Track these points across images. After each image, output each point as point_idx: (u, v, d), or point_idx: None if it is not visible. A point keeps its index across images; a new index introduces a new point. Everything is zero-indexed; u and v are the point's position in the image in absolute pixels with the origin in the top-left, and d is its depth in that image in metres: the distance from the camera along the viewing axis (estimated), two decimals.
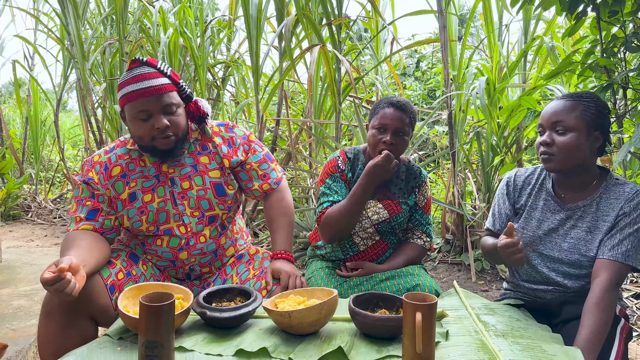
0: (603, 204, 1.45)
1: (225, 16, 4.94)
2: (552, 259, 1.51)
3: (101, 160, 1.61)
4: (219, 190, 1.64)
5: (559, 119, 1.42)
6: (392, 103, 1.75)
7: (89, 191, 1.58)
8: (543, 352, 1.20)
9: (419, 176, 1.89)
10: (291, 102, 5.15)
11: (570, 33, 1.95)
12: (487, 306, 1.52)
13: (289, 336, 1.26)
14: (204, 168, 1.64)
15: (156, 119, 1.50)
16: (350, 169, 1.86)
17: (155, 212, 1.58)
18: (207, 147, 1.67)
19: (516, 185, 1.62)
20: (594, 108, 1.42)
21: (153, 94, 1.49)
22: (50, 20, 5.84)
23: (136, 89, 1.48)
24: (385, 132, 1.74)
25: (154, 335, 1.06)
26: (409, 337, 1.10)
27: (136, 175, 1.60)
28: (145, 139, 1.53)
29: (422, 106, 6.20)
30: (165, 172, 1.61)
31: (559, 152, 1.42)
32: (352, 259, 1.86)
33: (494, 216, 1.67)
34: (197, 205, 1.61)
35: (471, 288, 2.99)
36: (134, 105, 1.49)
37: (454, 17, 3.60)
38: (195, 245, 1.62)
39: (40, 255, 3.85)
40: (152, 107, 1.49)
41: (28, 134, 6.29)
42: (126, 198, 1.58)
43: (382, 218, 1.81)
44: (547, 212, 1.54)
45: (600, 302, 1.33)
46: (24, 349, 2.06)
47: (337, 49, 3.40)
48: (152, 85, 1.49)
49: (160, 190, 1.60)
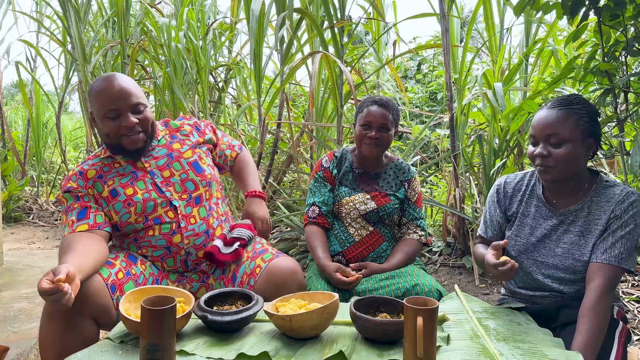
0: (594, 207, 1.45)
1: (227, 18, 4.95)
2: (547, 265, 1.51)
3: (75, 171, 1.67)
4: (196, 168, 1.73)
5: (553, 131, 1.40)
6: (376, 101, 1.93)
7: (72, 197, 1.63)
8: (544, 356, 1.20)
9: (407, 171, 2.05)
10: (292, 105, 5.15)
11: (574, 38, 1.95)
12: (488, 310, 1.52)
13: (290, 340, 1.26)
14: (178, 153, 1.73)
15: (125, 119, 1.58)
16: (336, 166, 2.04)
17: (142, 202, 1.62)
18: (176, 136, 1.79)
19: (506, 192, 1.62)
20: (586, 116, 1.40)
21: (122, 94, 1.57)
22: (52, 23, 5.86)
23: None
24: (371, 129, 1.91)
25: (155, 339, 1.06)
26: (410, 341, 1.10)
27: (112, 175, 1.66)
28: (113, 137, 1.60)
29: (424, 109, 6.21)
30: (141, 167, 1.69)
31: (556, 164, 1.40)
32: (348, 250, 1.95)
33: (486, 223, 1.67)
34: (183, 188, 1.68)
35: (472, 291, 2.99)
36: (103, 104, 1.57)
37: (455, 20, 3.60)
38: (186, 227, 1.65)
39: (41, 258, 3.85)
40: (120, 106, 1.57)
41: (30, 136, 6.31)
42: (107, 195, 1.63)
43: (370, 208, 1.95)
44: (539, 219, 1.53)
45: (596, 306, 1.33)
46: (26, 351, 2.06)
47: (339, 52, 3.40)
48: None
49: (141, 183, 1.66)
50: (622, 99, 1.98)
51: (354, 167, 2.03)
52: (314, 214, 1.99)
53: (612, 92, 1.80)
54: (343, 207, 1.97)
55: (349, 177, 2.02)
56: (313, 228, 1.98)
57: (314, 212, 1.99)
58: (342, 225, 1.98)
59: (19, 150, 6.16)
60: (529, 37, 3.59)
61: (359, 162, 2.03)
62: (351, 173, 2.03)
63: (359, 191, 1.99)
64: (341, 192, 1.99)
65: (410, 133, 4.33)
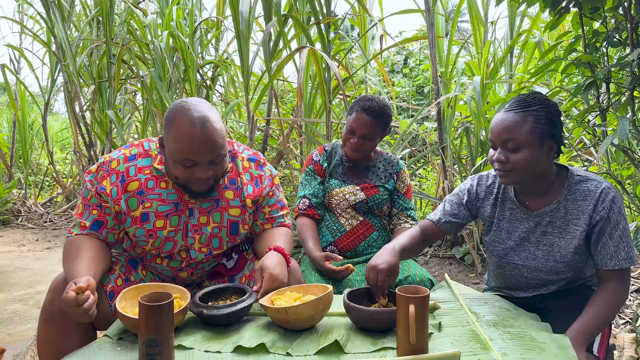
0: (570, 207, 1.41)
1: (213, 17, 4.94)
2: (529, 268, 1.48)
3: (119, 169, 1.49)
4: (233, 229, 1.58)
5: (509, 136, 1.34)
6: (365, 108, 1.91)
7: (97, 200, 1.48)
8: (533, 340, 1.24)
9: (396, 164, 2.10)
10: (281, 101, 5.16)
11: (552, 27, 1.99)
12: (477, 297, 1.56)
13: (286, 332, 1.28)
14: (225, 204, 1.56)
15: (201, 169, 1.40)
16: (326, 160, 2.08)
17: (163, 239, 1.51)
18: (235, 181, 1.59)
19: (478, 195, 1.57)
20: (544, 117, 1.34)
21: (208, 147, 1.37)
22: (35, 24, 5.79)
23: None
24: (355, 135, 1.94)
25: (154, 334, 1.08)
26: (403, 329, 1.14)
27: (153, 196, 1.49)
28: (182, 180, 1.44)
29: (411, 102, 6.25)
30: (186, 201, 1.52)
31: (514, 168, 1.36)
32: (340, 240, 1.99)
33: (444, 212, 1.61)
34: (208, 242, 1.56)
35: (463, 281, 3.04)
36: (183, 150, 1.36)
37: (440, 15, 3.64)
38: (197, 267, 1.62)
39: (32, 260, 3.84)
40: (201, 159, 1.38)
41: (16, 137, 6.24)
42: (138, 217, 1.49)
43: (359, 199, 2.00)
44: (515, 222, 1.50)
45: (608, 298, 1.34)
46: (22, 352, 2.07)
47: (326, 48, 3.42)
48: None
49: (175, 219, 1.51)
50: (604, 89, 2.03)
51: (344, 161, 2.07)
52: (304, 206, 2.02)
53: (594, 85, 1.84)
54: (333, 198, 2.01)
55: (339, 170, 2.06)
56: (304, 220, 2.01)
57: (304, 204, 2.02)
58: (333, 215, 2.02)
59: (5, 153, 6.10)
60: (513, 29, 3.64)
61: (348, 156, 2.06)
62: (341, 166, 2.06)
63: (348, 183, 2.03)
64: (331, 184, 2.03)
65: (398, 127, 4.37)
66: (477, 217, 1.62)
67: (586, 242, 1.41)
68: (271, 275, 1.40)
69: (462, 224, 1.61)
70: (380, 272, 1.38)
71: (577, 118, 2.08)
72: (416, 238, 1.59)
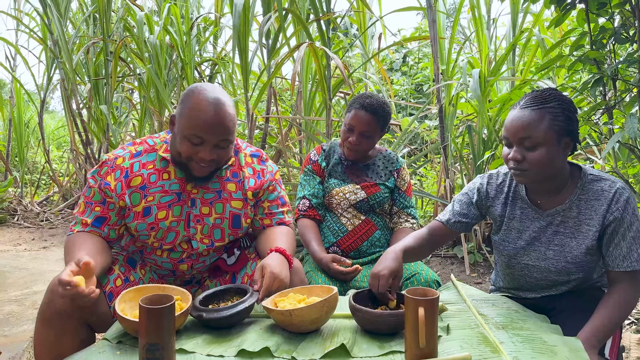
0: (583, 207, 1.37)
1: (210, 14, 4.90)
2: (539, 268, 1.45)
3: (123, 165, 1.52)
4: (235, 222, 1.59)
5: (526, 134, 1.30)
6: (364, 105, 1.88)
7: (100, 196, 1.50)
8: (543, 342, 1.21)
9: (396, 161, 2.07)
10: (279, 99, 5.12)
11: (557, 24, 1.96)
12: (485, 299, 1.52)
13: (291, 335, 1.25)
14: (228, 196, 1.58)
15: (206, 150, 1.42)
16: (325, 159, 2.05)
17: (165, 230, 1.52)
18: (237, 174, 1.61)
19: (488, 193, 1.53)
20: (561, 114, 1.30)
21: (218, 128, 1.40)
22: (31, 20, 5.74)
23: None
24: (353, 133, 1.90)
25: (155, 338, 1.05)
26: (412, 332, 1.10)
27: (155, 189, 1.52)
28: (184, 157, 1.46)
29: (410, 101, 6.22)
30: (188, 191, 1.54)
31: (531, 167, 1.32)
32: (342, 240, 1.95)
33: (453, 212, 1.57)
34: (210, 233, 1.56)
35: (465, 281, 3.01)
36: (193, 126, 1.40)
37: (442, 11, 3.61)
38: (197, 259, 1.60)
39: (29, 260, 3.79)
40: (209, 138, 1.41)
41: (12, 136, 6.19)
42: (140, 211, 1.51)
43: (360, 198, 1.96)
44: (525, 221, 1.46)
45: (620, 300, 1.31)
46: (18, 354, 2.03)
47: (327, 45, 3.38)
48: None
49: (177, 209, 1.53)
50: (610, 86, 2.00)
51: (342, 160, 2.03)
52: (304, 207, 1.99)
53: (601, 81, 1.81)
54: (333, 198, 1.97)
55: (338, 169, 2.02)
56: (305, 221, 1.97)
57: (304, 205, 1.99)
58: (334, 216, 1.98)
59: (0, 151, 6.04)
60: (515, 27, 3.62)
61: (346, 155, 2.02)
62: (340, 165, 2.03)
63: (348, 182, 1.99)
64: (331, 184, 1.99)
65: (398, 125, 4.34)
66: (487, 216, 1.58)
67: (598, 242, 1.38)
68: (272, 274, 1.38)
69: (472, 224, 1.57)
70: (381, 278, 1.36)
71: (583, 116, 2.05)
72: (422, 240, 1.55)
